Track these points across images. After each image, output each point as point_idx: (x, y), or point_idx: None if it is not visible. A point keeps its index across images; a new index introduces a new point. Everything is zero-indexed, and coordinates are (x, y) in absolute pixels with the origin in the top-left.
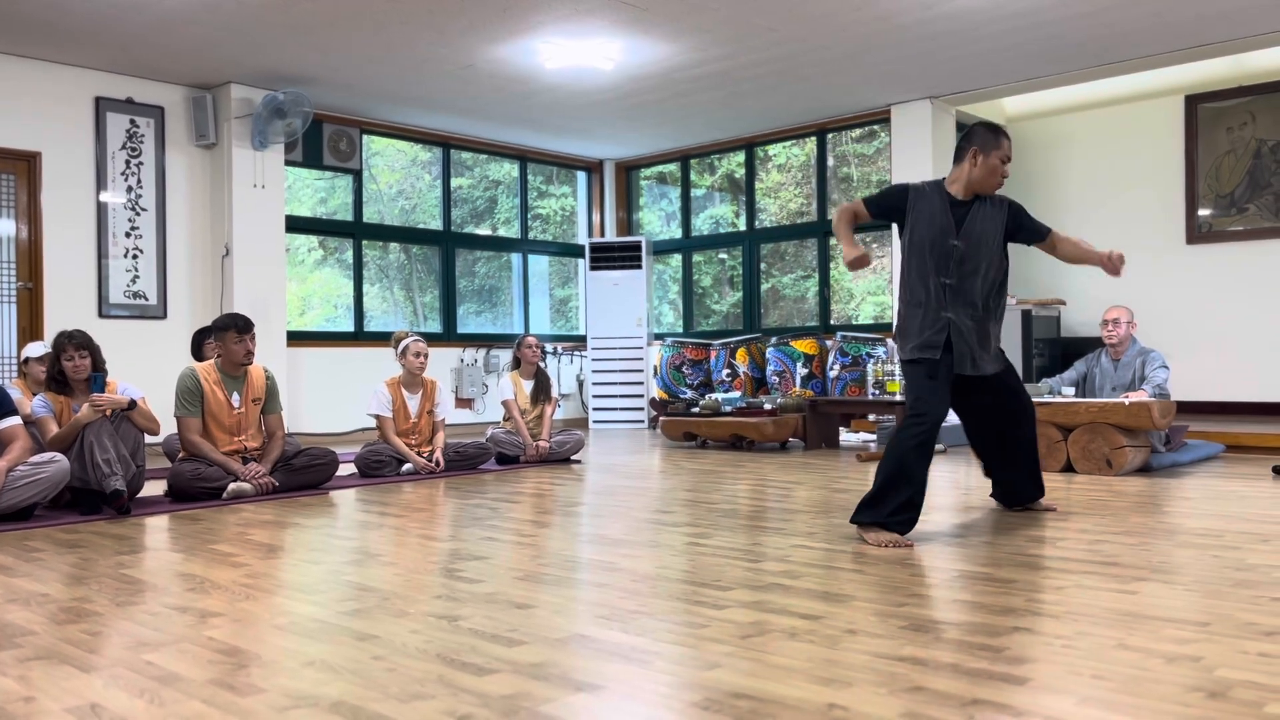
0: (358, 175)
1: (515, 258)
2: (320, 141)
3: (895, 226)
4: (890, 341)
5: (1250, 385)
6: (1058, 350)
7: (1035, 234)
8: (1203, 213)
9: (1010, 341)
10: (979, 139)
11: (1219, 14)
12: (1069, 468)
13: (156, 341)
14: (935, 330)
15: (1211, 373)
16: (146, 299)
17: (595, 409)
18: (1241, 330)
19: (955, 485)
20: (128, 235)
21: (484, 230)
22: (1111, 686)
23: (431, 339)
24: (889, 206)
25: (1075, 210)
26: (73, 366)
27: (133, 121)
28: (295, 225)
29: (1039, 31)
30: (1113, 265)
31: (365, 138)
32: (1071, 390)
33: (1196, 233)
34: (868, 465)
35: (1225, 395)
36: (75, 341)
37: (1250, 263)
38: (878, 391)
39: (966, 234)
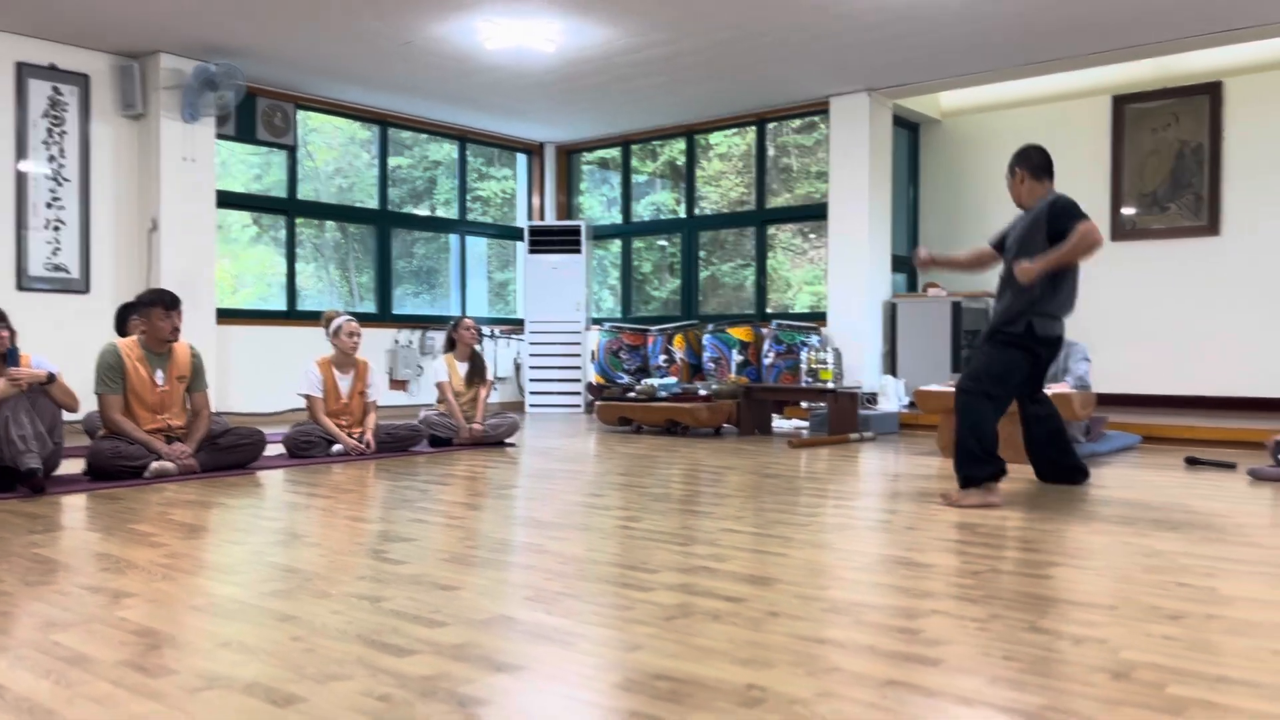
0: (293, 151)
1: (453, 239)
2: (254, 116)
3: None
4: (824, 330)
5: (1167, 379)
6: None
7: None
8: (1127, 211)
9: (939, 333)
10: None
11: (1147, 17)
12: None
13: (78, 316)
14: None
15: (1131, 366)
16: (68, 272)
17: (532, 393)
18: (1160, 326)
19: (884, 472)
20: (49, 206)
21: (422, 211)
22: (1020, 667)
23: (367, 320)
24: None
25: (1005, 205)
26: None
27: (56, 89)
28: (227, 201)
29: (974, 27)
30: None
31: (301, 113)
32: None
33: (1121, 230)
34: (799, 451)
35: (1144, 388)
36: None
37: (1170, 260)
38: (811, 379)
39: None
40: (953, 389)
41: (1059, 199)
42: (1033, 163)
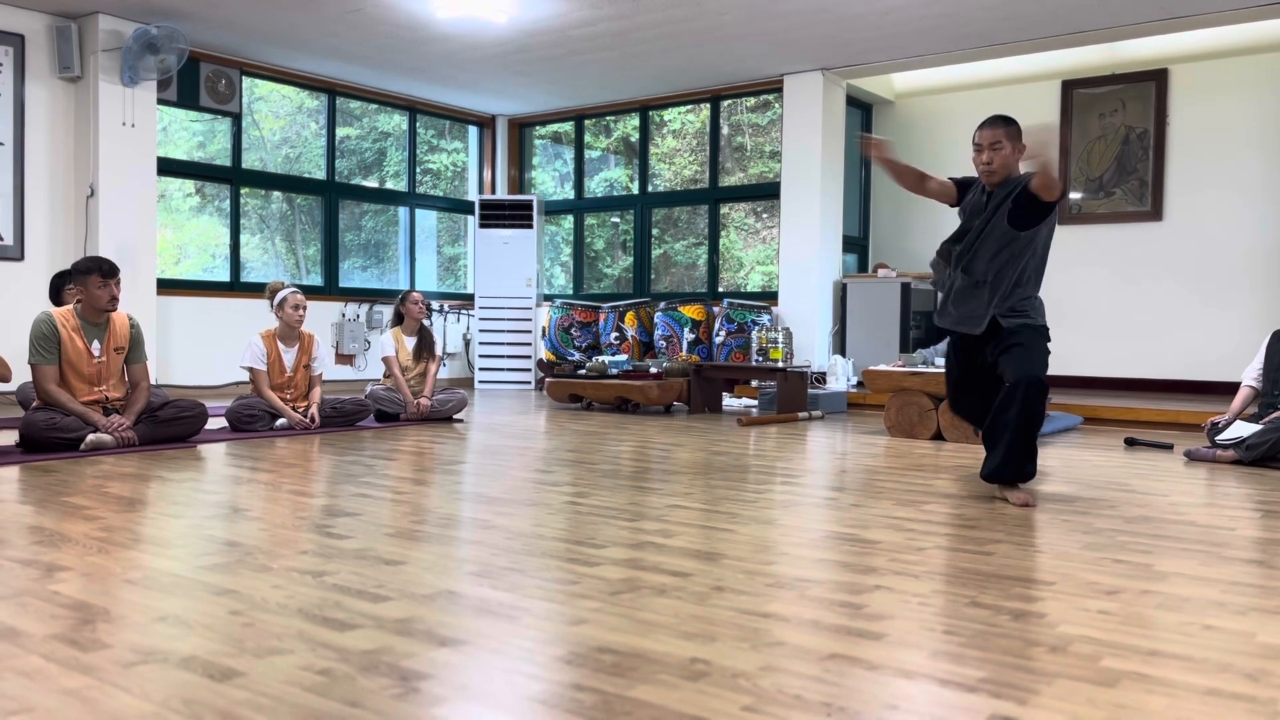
0: (238, 119)
1: (403, 212)
2: (197, 81)
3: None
4: (775, 309)
5: (1109, 361)
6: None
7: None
8: (1073, 195)
9: (888, 314)
10: None
11: (1095, 3)
12: (939, 435)
13: (11, 284)
14: None
15: (1074, 349)
16: (1, 239)
17: (481, 369)
18: (1103, 309)
19: (831, 451)
20: None
21: (371, 183)
22: (960, 641)
23: (313, 293)
24: None
25: None
26: None
27: None
28: (169, 169)
29: (926, 10)
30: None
31: (246, 80)
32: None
33: (1067, 214)
34: (749, 429)
35: (1085, 370)
36: None
37: (1114, 245)
38: (761, 358)
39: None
40: (901, 369)
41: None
42: (1020, 133)
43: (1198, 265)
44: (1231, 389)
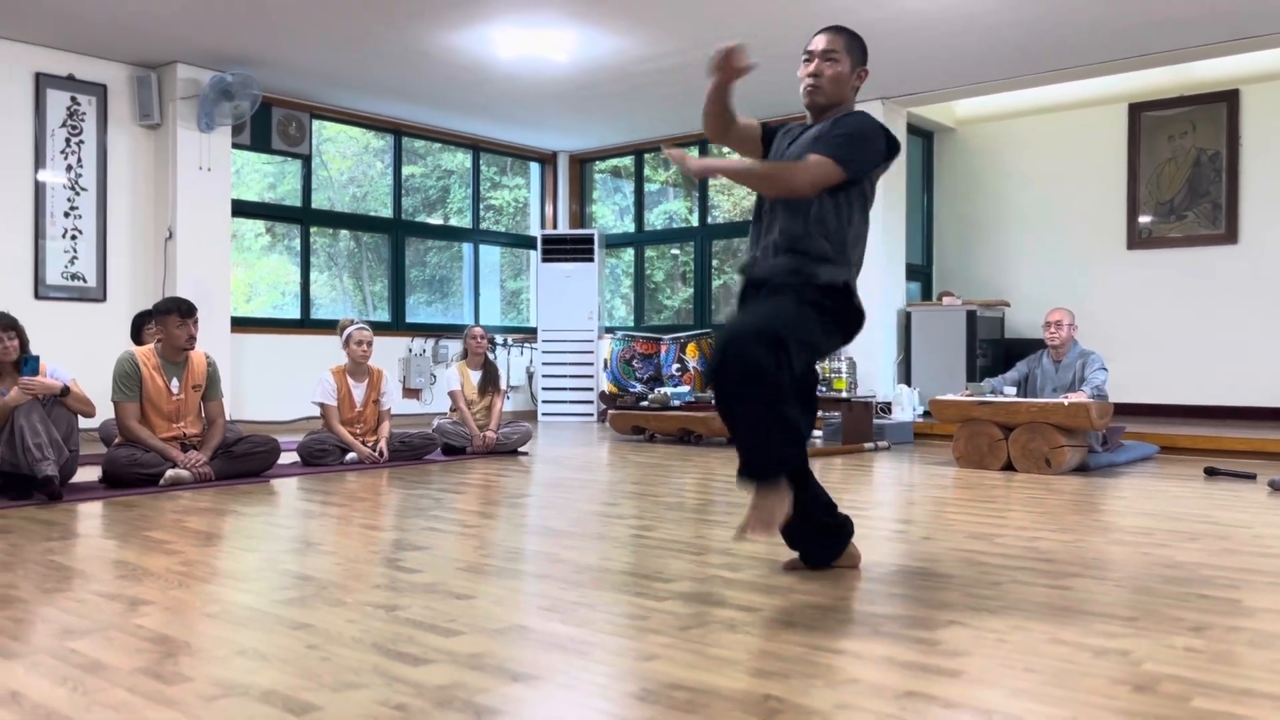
0: (307, 160)
1: (467, 248)
2: (269, 125)
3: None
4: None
5: (1185, 388)
6: (1001, 351)
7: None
8: (1143, 219)
9: (954, 342)
10: None
11: (1163, 25)
12: (1009, 466)
13: (95, 325)
14: None
15: (1149, 375)
16: (85, 281)
17: (544, 401)
18: (1178, 334)
19: (899, 482)
20: (66, 215)
21: (436, 219)
22: (1041, 679)
23: (380, 328)
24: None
25: (1019, 213)
26: (1, 349)
27: (74, 99)
28: (242, 210)
29: (988, 36)
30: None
31: (316, 123)
32: (1013, 390)
33: (1137, 238)
34: (814, 460)
35: (1161, 398)
36: (3, 323)
37: (1188, 269)
38: (824, 389)
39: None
40: (969, 398)
41: (865, 118)
42: (864, 56)
43: (1276, 286)
44: None
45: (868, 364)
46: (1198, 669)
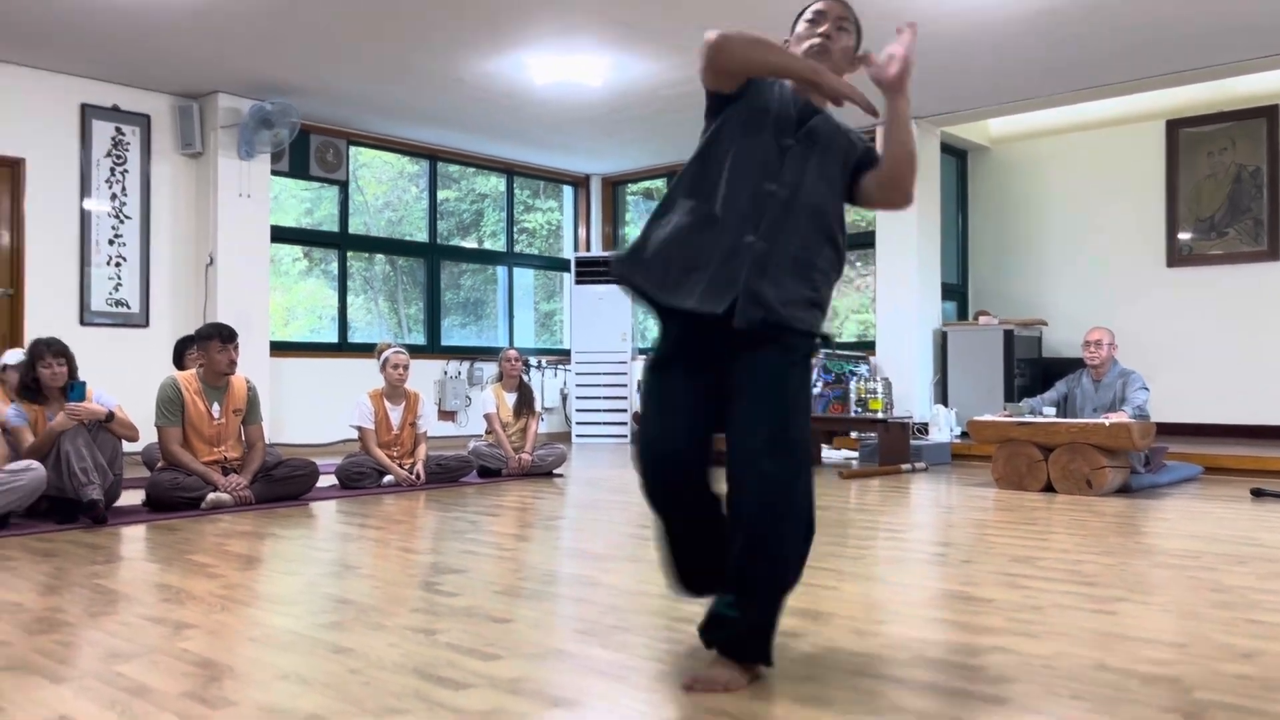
0: (344, 186)
1: (501, 271)
2: (307, 152)
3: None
4: (872, 359)
5: (1229, 408)
6: (1039, 370)
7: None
8: (1183, 236)
9: (991, 362)
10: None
11: (1200, 40)
12: (1049, 488)
13: (138, 350)
14: None
15: (1191, 395)
16: (129, 307)
17: (579, 423)
18: (1220, 353)
19: (937, 503)
20: (111, 243)
21: (470, 243)
22: (1089, 707)
23: (416, 351)
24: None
25: (1056, 231)
26: (50, 374)
27: (118, 129)
28: (280, 235)
29: (1022, 54)
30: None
31: (353, 149)
32: (1052, 410)
33: (1177, 255)
34: (850, 482)
35: (1204, 417)
36: (53, 349)
37: (1229, 286)
38: (860, 409)
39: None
40: (1007, 418)
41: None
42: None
43: None
44: None
45: (904, 384)
46: (1250, 696)
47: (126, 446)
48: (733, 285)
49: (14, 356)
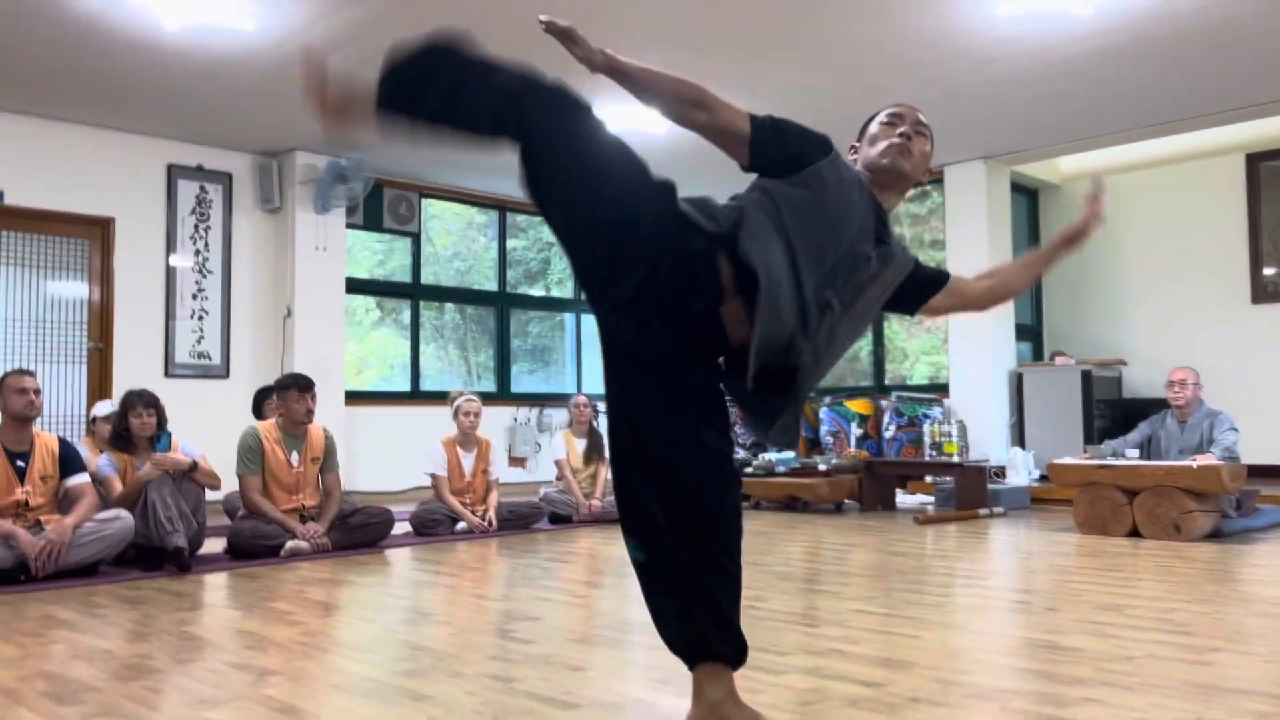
0: (416, 238)
1: (568, 317)
2: (381, 205)
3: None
4: (946, 401)
5: None
6: (1119, 412)
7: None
8: (1268, 271)
9: (1069, 403)
10: None
11: (1278, 72)
12: (1135, 533)
13: (219, 400)
14: None
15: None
16: (210, 359)
17: None
18: None
19: (1017, 549)
20: (194, 297)
21: (538, 291)
22: None
23: (486, 398)
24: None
25: (1132, 269)
26: (140, 424)
27: (202, 188)
28: (354, 286)
29: (1094, 90)
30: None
31: (424, 201)
32: (1135, 453)
33: (1262, 292)
34: (926, 528)
35: None
36: (144, 400)
37: None
38: (935, 453)
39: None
40: (1089, 461)
41: None
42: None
43: None
44: None
45: (979, 428)
46: None
47: (209, 495)
48: None
49: (104, 408)
